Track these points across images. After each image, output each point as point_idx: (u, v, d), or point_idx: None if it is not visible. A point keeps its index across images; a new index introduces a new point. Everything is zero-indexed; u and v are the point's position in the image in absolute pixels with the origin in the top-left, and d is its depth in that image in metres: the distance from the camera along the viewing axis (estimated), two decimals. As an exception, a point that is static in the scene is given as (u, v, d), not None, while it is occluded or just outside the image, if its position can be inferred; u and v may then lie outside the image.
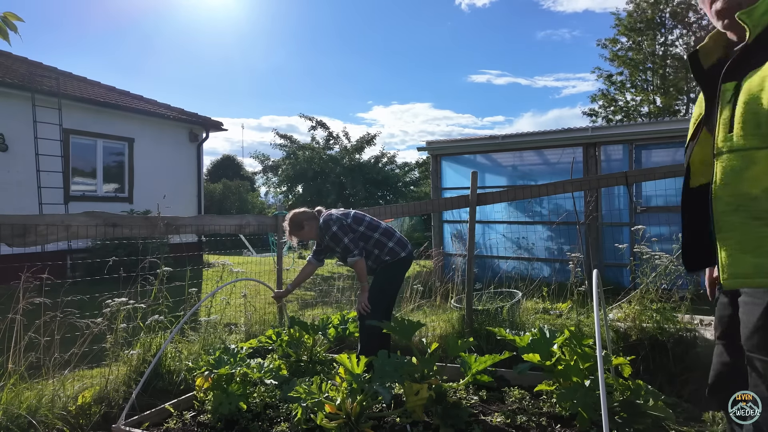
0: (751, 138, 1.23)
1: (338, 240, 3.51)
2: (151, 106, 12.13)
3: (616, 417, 2.52)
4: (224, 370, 2.99)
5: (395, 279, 3.65)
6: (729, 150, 1.27)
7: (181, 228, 4.13)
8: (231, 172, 30.53)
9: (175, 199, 11.15)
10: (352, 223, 3.59)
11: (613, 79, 23.05)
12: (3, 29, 2.07)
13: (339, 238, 3.50)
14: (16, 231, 3.08)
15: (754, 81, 1.24)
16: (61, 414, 2.82)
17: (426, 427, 2.71)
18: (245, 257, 11.29)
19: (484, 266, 8.10)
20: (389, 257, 3.57)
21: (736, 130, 1.26)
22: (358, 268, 3.53)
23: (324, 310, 5.69)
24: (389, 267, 3.58)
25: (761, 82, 1.22)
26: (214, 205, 23.36)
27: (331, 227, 3.52)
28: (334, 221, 3.54)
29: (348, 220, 3.60)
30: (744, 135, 1.24)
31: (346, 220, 3.58)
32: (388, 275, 3.60)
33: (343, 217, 3.61)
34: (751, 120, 1.23)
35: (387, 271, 3.59)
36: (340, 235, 3.50)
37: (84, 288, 3.68)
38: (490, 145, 8.81)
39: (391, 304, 3.72)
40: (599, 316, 1.91)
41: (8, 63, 10.36)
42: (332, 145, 19.53)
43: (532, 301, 5.10)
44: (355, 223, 3.60)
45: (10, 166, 9.16)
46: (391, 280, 3.62)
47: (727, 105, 1.30)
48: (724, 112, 1.31)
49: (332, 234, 3.51)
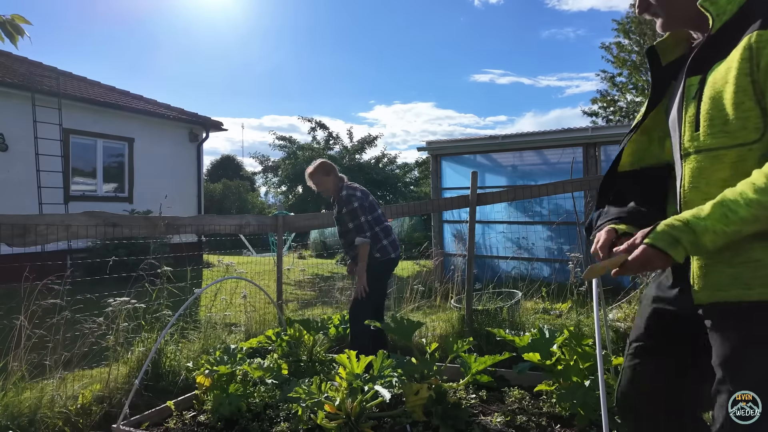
0: (718, 136, 1.13)
1: (356, 216, 3.55)
2: (151, 106, 12.12)
3: (615, 417, 2.52)
4: (224, 370, 2.99)
5: (381, 278, 3.68)
6: (696, 150, 1.18)
7: (181, 228, 4.13)
8: (231, 172, 30.49)
9: (175, 199, 11.12)
10: (368, 207, 3.64)
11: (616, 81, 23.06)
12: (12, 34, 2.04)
13: (357, 215, 3.54)
14: (16, 231, 3.07)
15: (719, 74, 1.14)
16: (62, 413, 2.82)
17: (426, 427, 2.71)
18: (245, 257, 11.29)
19: (484, 266, 8.10)
20: (379, 254, 3.60)
21: (702, 128, 1.16)
22: (363, 250, 3.55)
23: (324, 310, 5.69)
24: (377, 264, 3.60)
25: (726, 74, 1.12)
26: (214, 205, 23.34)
27: (353, 202, 3.56)
28: (357, 198, 3.59)
29: (367, 202, 3.64)
30: (711, 134, 1.14)
31: (366, 200, 3.63)
32: (374, 273, 3.61)
33: (364, 196, 3.65)
34: (717, 117, 1.13)
35: (373, 268, 3.60)
36: (359, 212, 3.55)
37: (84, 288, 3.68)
38: (490, 145, 8.81)
39: (380, 302, 3.77)
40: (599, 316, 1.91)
41: (8, 63, 10.35)
42: (332, 146, 19.55)
43: (532, 302, 5.11)
44: (370, 208, 3.65)
45: (10, 166, 9.15)
46: (377, 277, 3.64)
47: (692, 101, 1.20)
48: (690, 108, 1.21)
49: (352, 209, 3.55)
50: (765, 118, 1.08)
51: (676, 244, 1.09)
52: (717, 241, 1.07)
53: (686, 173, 1.21)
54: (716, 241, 1.07)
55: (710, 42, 1.20)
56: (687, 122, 1.21)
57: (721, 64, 1.14)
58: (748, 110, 1.08)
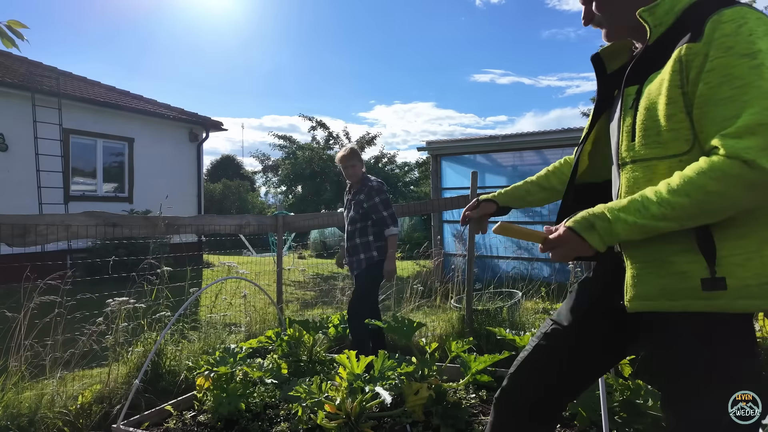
0: (652, 147, 1.15)
1: (388, 206, 3.60)
2: (151, 106, 12.12)
3: (615, 417, 2.52)
4: (224, 370, 2.99)
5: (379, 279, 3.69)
6: (632, 160, 1.19)
7: (181, 228, 4.13)
8: (231, 171, 30.50)
9: (175, 199, 11.12)
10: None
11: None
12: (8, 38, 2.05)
13: (389, 205, 3.61)
14: (16, 231, 3.07)
15: (654, 85, 1.15)
16: (62, 413, 2.82)
17: (426, 427, 2.71)
18: (245, 257, 11.29)
19: (484, 266, 8.10)
20: (377, 253, 3.61)
21: (637, 138, 1.17)
22: (393, 240, 3.60)
23: (324, 310, 5.69)
24: (376, 263, 3.61)
25: (660, 85, 1.13)
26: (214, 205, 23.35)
27: (384, 191, 3.65)
28: (385, 190, 3.68)
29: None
30: (645, 144, 1.16)
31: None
32: (373, 272, 3.63)
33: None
34: (651, 127, 1.15)
35: (372, 268, 3.62)
36: (389, 203, 3.62)
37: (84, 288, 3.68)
38: (490, 145, 8.82)
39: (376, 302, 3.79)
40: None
41: (8, 63, 10.35)
42: (332, 145, 19.54)
43: (532, 301, 5.11)
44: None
45: (10, 166, 9.15)
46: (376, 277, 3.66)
47: (629, 111, 1.21)
48: (627, 118, 1.22)
49: (385, 198, 3.61)
50: (694, 131, 1.09)
51: (591, 229, 1.14)
52: (630, 232, 1.11)
53: (623, 182, 1.22)
54: (628, 232, 1.11)
55: (647, 52, 1.21)
56: (624, 132, 1.22)
57: (657, 75, 1.15)
58: (679, 122, 1.10)
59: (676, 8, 1.17)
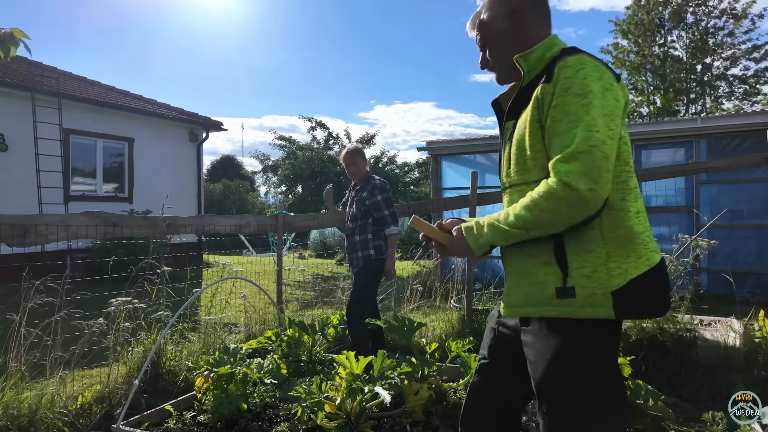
0: (521, 174, 1.34)
1: (389, 205, 3.60)
2: (151, 106, 12.12)
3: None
4: (224, 370, 2.99)
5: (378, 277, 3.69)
6: (510, 185, 1.40)
7: (181, 228, 4.13)
8: (231, 171, 30.49)
9: (175, 199, 11.11)
10: None
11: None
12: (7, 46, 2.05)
13: (391, 204, 3.61)
14: (16, 231, 3.07)
15: (522, 120, 1.34)
16: (61, 414, 2.82)
17: (426, 427, 2.71)
18: (245, 257, 11.29)
19: (484, 266, 8.09)
20: (374, 252, 3.61)
21: (512, 166, 1.37)
22: (394, 239, 3.61)
23: (324, 310, 5.69)
24: (374, 262, 3.61)
25: (525, 120, 1.32)
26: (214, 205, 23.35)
27: (387, 190, 3.65)
28: (388, 189, 3.67)
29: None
30: (516, 171, 1.36)
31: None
32: (373, 272, 3.63)
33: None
34: (520, 157, 1.34)
35: (371, 267, 3.62)
36: (391, 202, 3.62)
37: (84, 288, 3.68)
38: (490, 145, 8.81)
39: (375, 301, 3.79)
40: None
41: (8, 63, 10.33)
42: (332, 145, 19.53)
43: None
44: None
45: (10, 166, 9.15)
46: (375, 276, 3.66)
47: (507, 143, 1.42)
48: (506, 149, 1.43)
49: (387, 197, 3.61)
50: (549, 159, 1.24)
51: (470, 231, 1.34)
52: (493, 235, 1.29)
53: (505, 204, 1.45)
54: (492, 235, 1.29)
55: (522, 92, 1.39)
56: (504, 160, 1.44)
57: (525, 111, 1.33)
58: (538, 152, 1.28)
59: (546, 56, 1.35)
